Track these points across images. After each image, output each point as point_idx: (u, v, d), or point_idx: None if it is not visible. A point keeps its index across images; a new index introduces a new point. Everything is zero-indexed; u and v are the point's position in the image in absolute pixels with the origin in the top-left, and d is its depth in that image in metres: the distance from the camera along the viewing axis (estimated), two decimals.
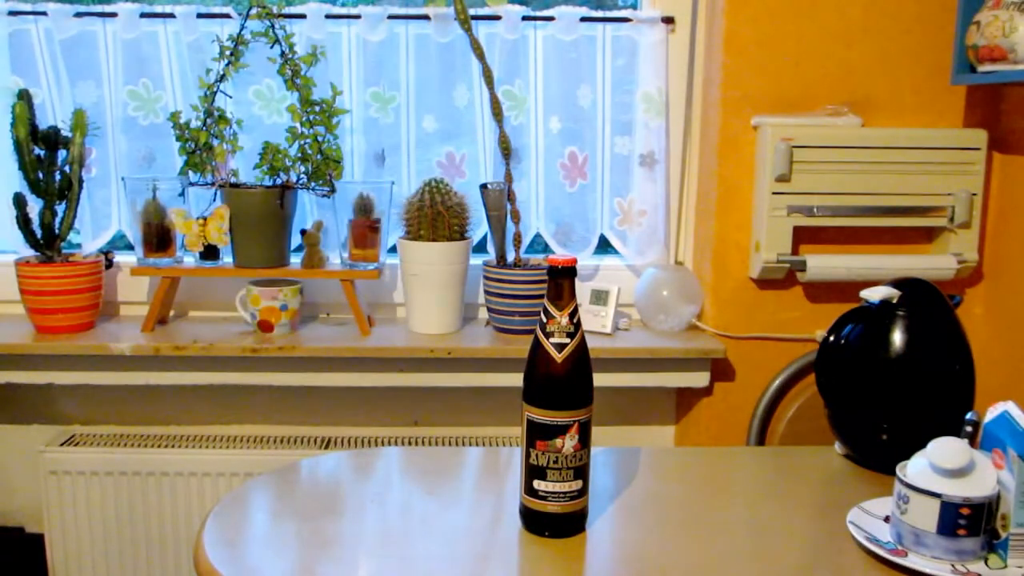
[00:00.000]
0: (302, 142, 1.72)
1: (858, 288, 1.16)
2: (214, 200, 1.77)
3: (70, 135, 1.71)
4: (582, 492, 0.92)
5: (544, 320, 0.90)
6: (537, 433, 0.90)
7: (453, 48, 1.79)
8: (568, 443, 0.90)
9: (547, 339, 0.89)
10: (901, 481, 0.89)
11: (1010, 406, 0.89)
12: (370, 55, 1.79)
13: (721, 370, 1.78)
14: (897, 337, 1.08)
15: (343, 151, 1.75)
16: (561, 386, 0.90)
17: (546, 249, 1.91)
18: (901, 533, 0.89)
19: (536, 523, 0.93)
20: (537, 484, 0.91)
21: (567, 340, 0.89)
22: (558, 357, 0.89)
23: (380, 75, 1.80)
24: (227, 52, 1.70)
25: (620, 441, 1.94)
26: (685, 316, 1.76)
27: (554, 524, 0.92)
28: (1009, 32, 1.47)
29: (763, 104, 1.71)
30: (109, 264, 1.82)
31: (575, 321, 0.90)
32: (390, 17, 1.77)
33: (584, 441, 0.91)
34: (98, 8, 1.78)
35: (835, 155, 1.67)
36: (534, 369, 0.90)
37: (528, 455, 0.91)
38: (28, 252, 1.77)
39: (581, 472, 0.91)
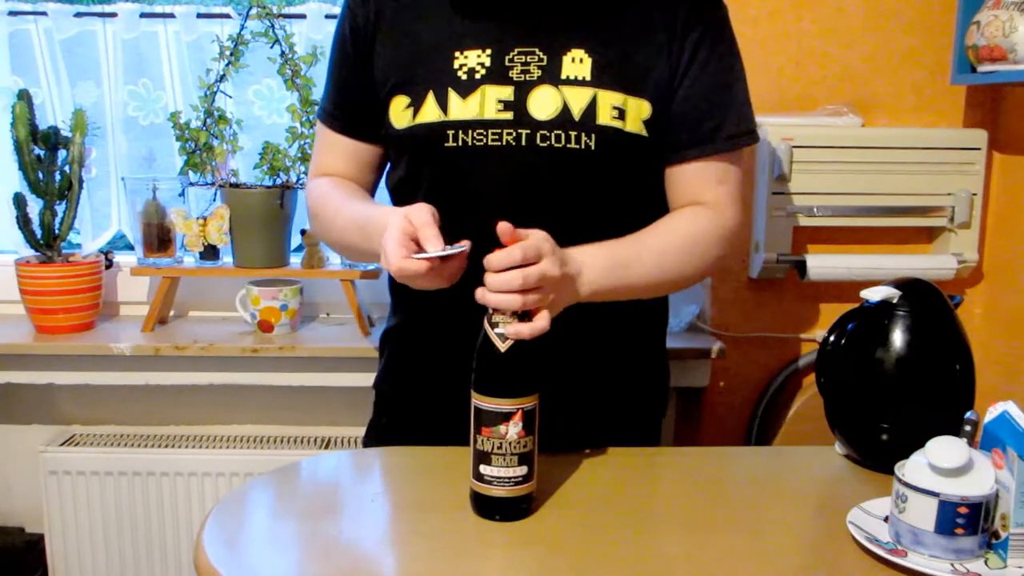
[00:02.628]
0: (302, 142, 1.72)
1: (858, 288, 1.16)
2: (214, 200, 1.77)
3: (70, 135, 1.71)
4: (527, 478, 0.94)
5: (490, 310, 0.92)
6: (482, 420, 0.92)
7: None
8: (512, 430, 0.91)
9: (492, 328, 0.91)
10: (899, 480, 0.89)
11: (1010, 406, 0.89)
12: None
13: (721, 370, 1.78)
14: (897, 337, 1.08)
15: None
16: (503, 374, 0.92)
17: None
18: (899, 532, 0.89)
19: (483, 507, 0.95)
20: (483, 469, 0.93)
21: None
22: (501, 346, 0.91)
23: None
24: (227, 52, 1.70)
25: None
26: (685, 316, 1.76)
27: (501, 508, 0.94)
28: (1009, 32, 1.47)
29: (763, 104, 1.71)
30: (109, 264, 1.82)
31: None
32: None
33: (529, 429, 0.92)
34: (98, 8, 1.78)
35: (835, 155, 1.67)
36: (479, 357, 0.92)
37: (475, 441, 0.93)
38: (28, 252, 1.77)
39: (527, 458, 0.93)
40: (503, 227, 0.90)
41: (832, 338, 1.12)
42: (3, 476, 1.97)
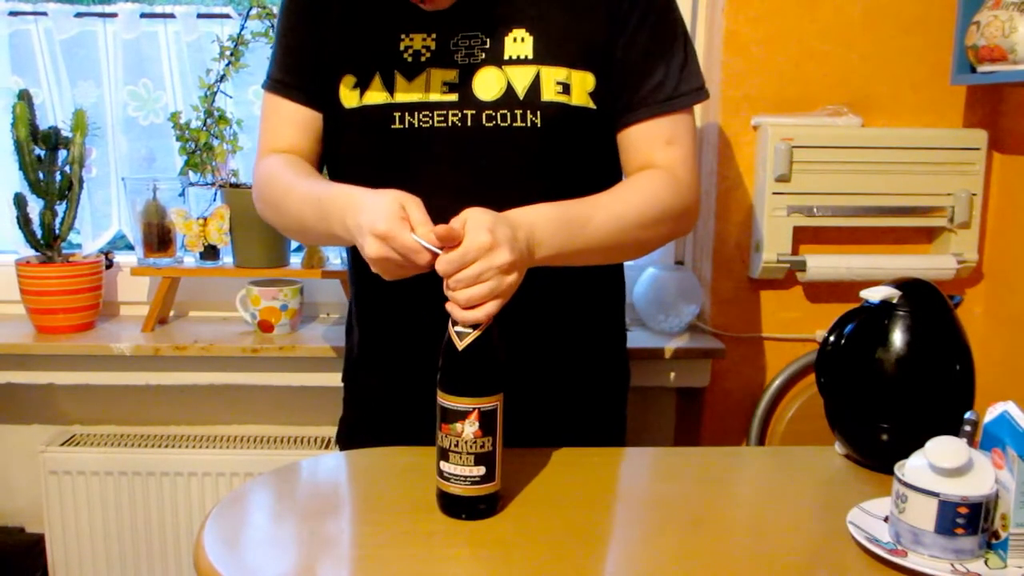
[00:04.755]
0: None
1: (858, 288, 1.16)
2: (214, 200, 1.77)
3: (70, 135, 1.72)
4: (486, 479, 0.93)
5: None
6: (443, 417, 0.93)
7: None
8: (468, 429, 0.92)
9: (452, 326, 0.92)
10: (899, 480, 0.89)
11: (1010, 406, 0.89)
12: None
13: (721, 370, 1.78)
14: (897, 337, 1.08)
15: None
16: (461, 373, 0.92)
17: None
18: (899, 532, 0.89)
19: (445, 504, 0.96)
20: (443, 465, 0.94)
21: (470, 329, 0.91)
22: (459, 344, 0.91)
23: None
24: (227, 52, 1.70)
25: None
26: (685, 316, 1.76)
27: (462, 506, 0.94)
28: (1009, 32, 1.47)
29: (763, 104, 1.71)
30: (109, 264, 1.82)
31: None
32: None
33: (487, 429, 0.92)
34: (98, 8, 1.78)
35: (835, 155, 1.67)
36: (443, 355, 0.93)
37: (438, 437, 0.94)
38: (28, 252, 1.77)
39: (484, 459, 0.93)
40: (439, 231, 0.88)
41: (832, 338, 1.12)
42: (3, 476, 1.97)
